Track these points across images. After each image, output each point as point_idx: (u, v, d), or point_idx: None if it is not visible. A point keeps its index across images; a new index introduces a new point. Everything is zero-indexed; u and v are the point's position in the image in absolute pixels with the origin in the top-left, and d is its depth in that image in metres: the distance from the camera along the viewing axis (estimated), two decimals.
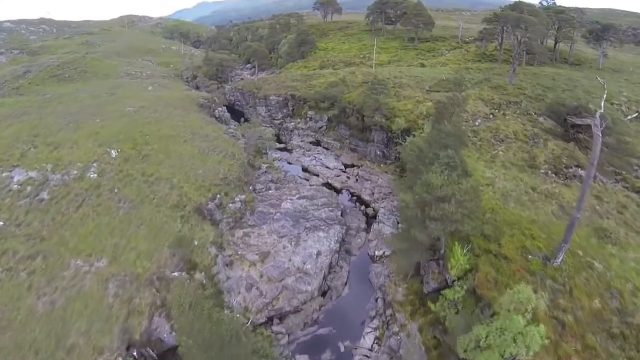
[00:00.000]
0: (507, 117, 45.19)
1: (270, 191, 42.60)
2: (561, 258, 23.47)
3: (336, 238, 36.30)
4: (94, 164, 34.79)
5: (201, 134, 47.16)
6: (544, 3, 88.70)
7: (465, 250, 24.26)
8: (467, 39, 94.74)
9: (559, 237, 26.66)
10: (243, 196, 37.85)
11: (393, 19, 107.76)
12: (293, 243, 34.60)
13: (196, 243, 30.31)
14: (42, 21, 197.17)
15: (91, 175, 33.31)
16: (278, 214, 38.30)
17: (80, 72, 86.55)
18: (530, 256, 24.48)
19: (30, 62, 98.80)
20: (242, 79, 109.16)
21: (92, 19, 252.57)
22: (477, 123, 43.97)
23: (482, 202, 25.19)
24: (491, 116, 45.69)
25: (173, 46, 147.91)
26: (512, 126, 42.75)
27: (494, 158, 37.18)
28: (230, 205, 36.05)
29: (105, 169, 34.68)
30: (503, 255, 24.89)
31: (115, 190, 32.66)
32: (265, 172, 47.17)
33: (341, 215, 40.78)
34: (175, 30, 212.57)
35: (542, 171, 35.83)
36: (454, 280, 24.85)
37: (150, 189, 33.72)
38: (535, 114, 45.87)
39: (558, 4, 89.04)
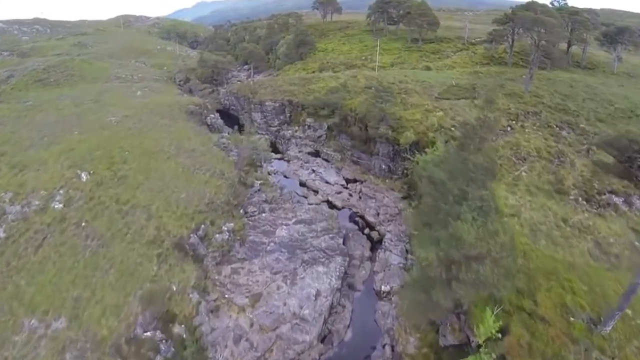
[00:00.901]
0: (526, 130, 40.86)
1: (263, 214, 38.26)
2: (612, 326, 19.22)
3: (337, 273, 31.99)
4: (61, 191, 30.41)
5: (187, 148, 42.75)
6: (555, 3, 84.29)
7: (496, 311, 19.99)
8: (473, 40, 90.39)
9: (602, 289, 22.48)
10: (232, 224, 33.47)
11: (395, 19, 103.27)
12: (289, 281, 30.29)
13: (175, 288, 26.02)
14: (36, 21, 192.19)
15: (56, 206, 28.96)
16: (272, 243, 33.97)
17: (68, 75, 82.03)
18: (572, 318, 20.20)
19: (19, 64, 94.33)
20: (239, 81, 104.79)
21: (88, 19, 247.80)
22: (494, 137, 39.58)
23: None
24: (509, 129, 41.33)
25: (168, 47, 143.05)
26: (534, 141, 38.43)
27: (517, 180, 32.88)
28: (217, 236, 31.73)
29: (73, 196, 30.31)
30: (539, 315, 20.60)
31: (83, 224, 28.32)
32: (259, 190, 42.80)
33: (343, 243, 36.45)
34: (172, 30, 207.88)
35: (571, 197, 31.54)
36: (479, 345, 20.57)
37: (124, 221, 29.37)
38: (557, 126, 41.52)
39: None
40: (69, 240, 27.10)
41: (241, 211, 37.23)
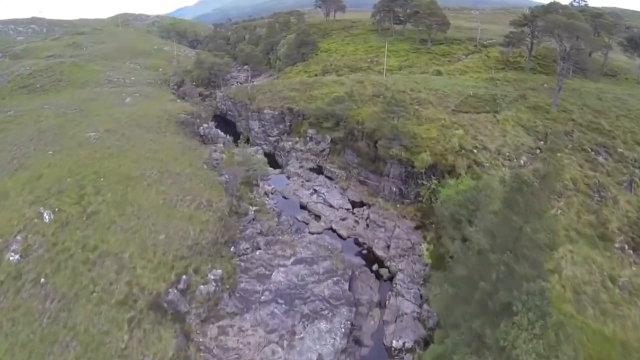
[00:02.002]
0: (558, 155, 35.81)
1: (257, 252, 33.52)
2: None
3: (343, 330, 27.33)
4: (18, 237, 25.83)
5: (172, 172, 37.87)
6: (575, 4, 78.74)
7: None
8: (485, 42, 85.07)
9: None
10: (219, 271, 28.74)
11: (402, 18, 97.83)
12: (285, 343, 25.65)
13: None
14: (32, 21, 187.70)
15: (11, 258, 24.38)
16: (267, 292, 29.26)
17: (55, 81, 77.32)
18: None
19: (7, 67, 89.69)
20: (238, 82, 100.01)
21: (88, 17, 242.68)
22: (522, 162, 34.69)
23: None
24: (538, 152, 36.36)
25: (166, 46, 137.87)
26: (568, 169, 33.48)
27: (554, 221, 27.93)
28: (202, 287, 27.04)
29: (32, 243, 25.73)
30: None
31: (42, 280, 23.76)
32: (254, 219, 38.09)
33: (349, 287, 31.72)
34: (172, 29, 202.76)
35: (617, 245, 26.76)
36: None
37: (90, 275, 24.74)
38: (591, 150, 36.53)
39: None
40: (25, 303, 22.54)
41: (232, 249, 32.52)
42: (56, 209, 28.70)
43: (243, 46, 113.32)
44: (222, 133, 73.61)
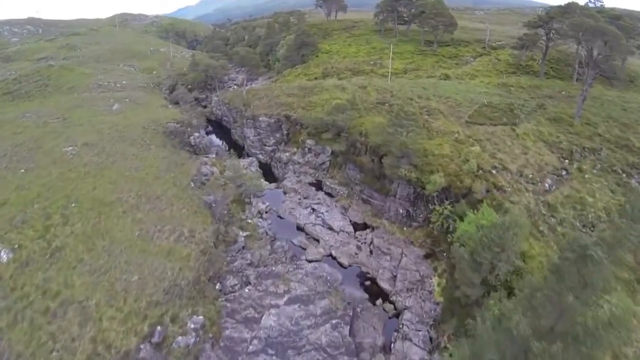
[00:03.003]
0: (586, 177, 31.82)
1: (247, 289, 29.66)
2: None
3: None
4: None
5: (152, 195, 33.95)
6: (590, 4, 74.51)
7: None
8: (494, 44, 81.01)
9: None
10: (201, 317, 24.91)
11: (407, 18, 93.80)
12: None
13: None
14: (29, 21, 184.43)
15: None
16: (255, 340, 25.41)
17: (41, 86, 73.68)
18: None
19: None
20: (236, 85, 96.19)
21: (86, 18, 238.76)
22: (546, 185, 30.65)
23: None
24: (564, 173, 32.28)
25: (163, 47, 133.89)
26: (599, 196, 29.46)
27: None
28: (180, 339, 23.23)
29: None
30: None
31: None
32: (244, 247, 34.27)
33: (350, 330, 27.86)
34: (171, 29, 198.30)
35: None
36: None
37: (50, 329, 21.00)
38: (622, 172, 32.42)
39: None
40: None
41: (217, 287, 28.66)
42: (16, 246, 24.99)
43: (239, 48, 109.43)
44: (216, 140, 70.13)
